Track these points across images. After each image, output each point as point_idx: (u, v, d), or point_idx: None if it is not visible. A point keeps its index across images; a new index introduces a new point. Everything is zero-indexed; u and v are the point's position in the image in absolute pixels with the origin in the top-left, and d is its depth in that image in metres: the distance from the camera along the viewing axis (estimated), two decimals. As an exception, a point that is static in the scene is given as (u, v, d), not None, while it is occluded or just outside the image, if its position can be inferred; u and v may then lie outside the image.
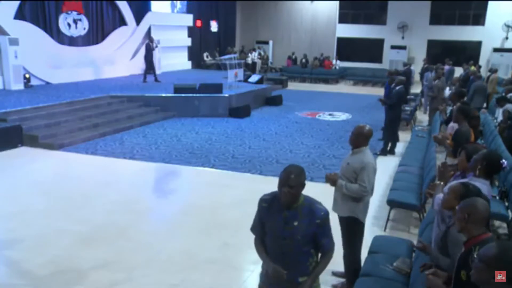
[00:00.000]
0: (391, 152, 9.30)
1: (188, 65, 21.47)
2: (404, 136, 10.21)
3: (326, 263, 2.85)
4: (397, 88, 9.25)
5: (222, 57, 15.98)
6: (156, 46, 15.82)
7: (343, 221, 4.11)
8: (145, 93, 12.82)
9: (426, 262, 3.30)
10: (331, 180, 4.04)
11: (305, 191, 2.80)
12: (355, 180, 3.94)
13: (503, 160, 3.72)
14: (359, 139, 4.01)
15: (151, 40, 15.66)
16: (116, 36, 17.07)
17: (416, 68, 20.05)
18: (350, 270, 4.25)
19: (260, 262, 2.95)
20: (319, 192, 3.97)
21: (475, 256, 2.23)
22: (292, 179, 2.62)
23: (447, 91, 11.70)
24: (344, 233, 4.13)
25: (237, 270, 4.70)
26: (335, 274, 4.46)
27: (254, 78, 16.57)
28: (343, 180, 3.99)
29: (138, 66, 18.08)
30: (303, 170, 2.74)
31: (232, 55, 15.98)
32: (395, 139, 9.45)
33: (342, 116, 13.54)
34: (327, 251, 2.81)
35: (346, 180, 3.98)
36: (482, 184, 3.48)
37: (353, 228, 4.10)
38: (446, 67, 16.33)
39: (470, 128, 5.78)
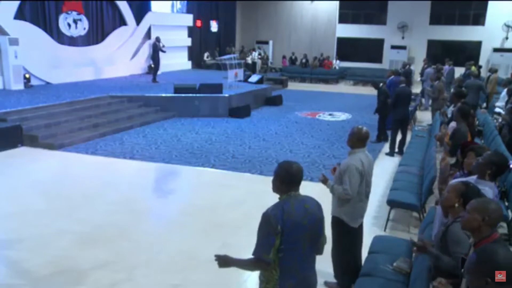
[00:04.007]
0: (391, 152, 9.20)
1: (188, 65, 21.47)
2: (404, 136, 10.20)
3: (245, 264, 2.78)
4: (398, 87, 9.30)
5: (222, 57, 15.97)
6: (164, 46, 15.74)
7: (331, 220, 4.12)
8: (145, 93, 12.82)
9: (416, 242, 3.25)
10: (323, 181, 4.09)
11: (305, 191, 2.81)
12: (340, 182, 3.95)
13: (510, 162, 3.75)
14: (352, 140, 4.01)
15: (158, 40, 15.63)
16: (116, 36, 17.06)
17: (416, 68, 20.06)
18: (338, 272, 4.24)
19: None
20: (318, 192, 3.98)
21: None
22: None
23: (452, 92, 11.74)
24: (332, 233, 4.12)
25: (237, 270, 4.67)
26: (327, 284, 4.41)
27: (254, 78, 16.56)
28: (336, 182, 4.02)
29: (138, 66, 18.11)
30: (286, 166, 2.74)
31: (232, 55, 15.97)
32: (402, 140, 9.27)
33: (342, 116, 13.54)
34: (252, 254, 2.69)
35: (338, 181, 3.99)
36: (489, 188, 3.50)
37: (337, 229, 4.07)
38: (446, 67, 16.33)
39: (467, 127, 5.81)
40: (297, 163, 2.77)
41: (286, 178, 2.70)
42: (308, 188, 2.83)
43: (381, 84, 10.20)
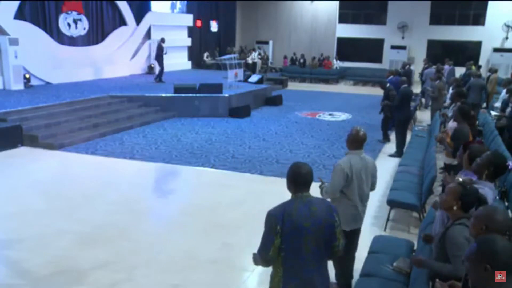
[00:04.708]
0: (399, 153, 9.13)
1: (188, 65, 21.47)
2: (404, 136, 10.20)
3: (256, 259, 2.82)
4: (401, 87, 9.30)
5: (222, 57, 15.97)
6: (165, 49, 15.69)
7: None
8: (145, 93, 12.82)
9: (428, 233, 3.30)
10: (320, 185, 4.07)
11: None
12: None
13: (509, 162, 3.74)
14: (347, 141, 4.03)
15: (163, 41, 15.59)
16: (116, 36, 17.07)
17: (416, 68, 20.05)
18: (336, 272, 4.25)
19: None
20: (318, 192, 3.98)
21: None
22: None
23: (450, 92, 11.74)
24: None
25: (237, 270, 4.70)
26: None
27: (254, 78, 16.56)
28: None
29: (138, 66, 18.11)
30: (295, 167, 2.80)
31: (232, 55, 15.97)
32: (402, 140, 9.29)
33: (342, 116, 13.54)
34: None
35: None
36: (489, 189, 3.50)
37: None
38: (446, 67, 16.33)
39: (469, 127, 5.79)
40: (307, 166, 2.81)
41: (293, 179, 2.76)
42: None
43: (388, 85, 10.11)
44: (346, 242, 4.04)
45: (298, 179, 2.75)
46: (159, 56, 15.41)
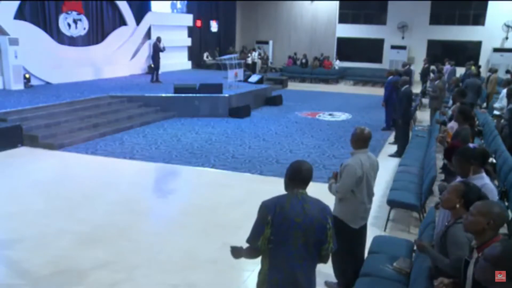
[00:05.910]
0: (400, 153, 9.12)
1: (188, 65, 21.46)
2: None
3: (245, 252, 2.83)
4: (403, 88, 9.25)
5: (222, 57, 15.96)
6: (163, 47, 15.63)
7: None
8: (145, 93, 12.82)
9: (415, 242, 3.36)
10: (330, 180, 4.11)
11: (307, 191, 2.82)
12: None
13: (472, 145, 3.85)
14: (352, 140, 4.04)
15: (158, 40, 15.58)
16: (116, 36, 17.07)
17: (416, 68, 20.05)
18: (336, 272, 4.25)
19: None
20: (319, 192, 3.98)
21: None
22: None
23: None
24: None
25: (237, 270, 4.70)
26: (327, 284, 4.41)
27: (254, 78, 16.56)
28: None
29: (138, 66, 18.10)
30: (296, 164, 2.84)
31: (232, 55, 15.96)
32: (407, 140, 9.24)
33: (342, 116, 13.54)
34: None
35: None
36: (487, 179, 3.55)
37: (336, 228, 4.06)
38: (447, 67, 16.31)
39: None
40: (309, 164, 2.84)
41: (292, 176, 2.80)
42: (309, 188, 2.83)
43: (400, 85, 9.86)
44: (354, 240, 4.08)
45: (297, 176, 2.78)
46: (156, 53, 15.36)
